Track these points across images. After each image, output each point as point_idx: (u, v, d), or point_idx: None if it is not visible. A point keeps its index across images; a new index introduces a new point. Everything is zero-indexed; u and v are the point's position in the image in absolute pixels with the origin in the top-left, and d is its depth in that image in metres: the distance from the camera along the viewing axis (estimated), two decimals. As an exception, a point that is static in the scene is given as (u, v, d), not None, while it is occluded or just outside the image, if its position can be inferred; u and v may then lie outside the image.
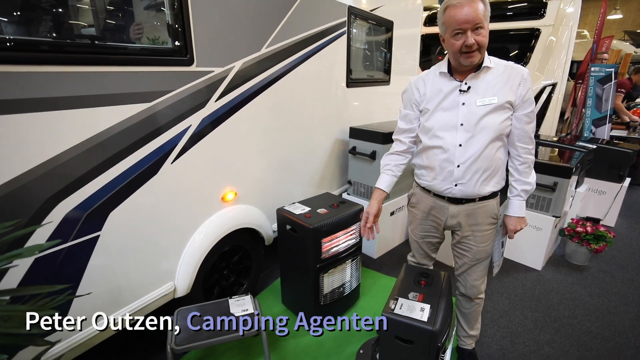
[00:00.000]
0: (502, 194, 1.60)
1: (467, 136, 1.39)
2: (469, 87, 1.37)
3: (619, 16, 13.13)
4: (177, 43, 1.60)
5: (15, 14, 1.42)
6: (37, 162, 1.21)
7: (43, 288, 0.82)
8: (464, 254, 1.62)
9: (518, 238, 2.83)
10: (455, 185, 1.46)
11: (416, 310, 1.38)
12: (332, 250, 1.97)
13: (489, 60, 1.37)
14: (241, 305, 1.69)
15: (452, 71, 1.42)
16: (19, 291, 0.97)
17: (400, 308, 1.39)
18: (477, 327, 1.83)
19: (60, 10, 1.46)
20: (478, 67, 1.36)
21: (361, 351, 1.86)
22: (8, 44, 1.14)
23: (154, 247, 1.70)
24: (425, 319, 1.33)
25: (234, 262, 2.19)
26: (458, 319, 1.83)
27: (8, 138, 1.14)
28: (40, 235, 1.25)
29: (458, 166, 1.43)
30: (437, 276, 1.58)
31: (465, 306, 1.76)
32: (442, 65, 1.45)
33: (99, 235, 1.44)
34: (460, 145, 1.41)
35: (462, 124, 1.39)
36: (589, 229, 2.79)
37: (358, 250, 2.16)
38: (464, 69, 1.37)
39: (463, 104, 1.38)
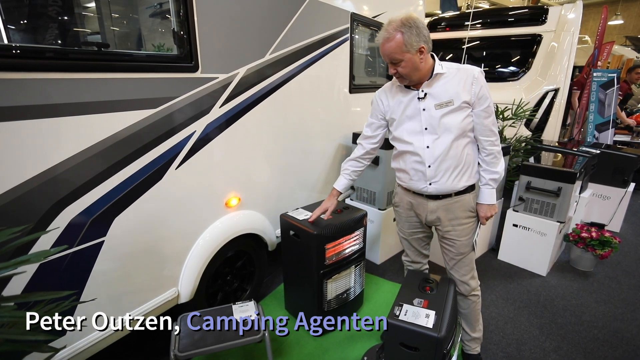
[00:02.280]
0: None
1: (432, 138, 1.51)
2: (425, 94, 1.50)
3: (620, 22, 13.18)
4: (182, 50, 1.62)
5: (22, 22, 1.44)
6: (43, 168, 1.22)
7: (48, 294, 0.82)
8: (448, 249, 1.69)
9: (523, 244, 2.83)
10: (430, 184, 1.57)
11: (421, 316, 1.37)
12: (336, 256, 1.97)
13: (440, 67, 1.48)
14: (245, 311, 1.68)
15: None
16: (23, 297, 0.97)
17: (405, 314, 1.38)
18: (479, 328, 1.84)
19: (67, 18, 1.48)
20: (430, 76, 1.48)
21: (365, 358, 1.84)
22: (15, 52, 1.15)
23: (158, 252, 1.70)
24: (430, 325, 1.32)
25: (237, 267, 2.19)
26: (459, 323, 1.83)
27: (15, 144, 1.15)
28: (46, 241, 1.26)
29: (429, 166, 1.54)
30: (441, 282, 1.57)
31: (462, 306, 1.78)
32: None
33: (103, 241, 1.44)
34: (427, 147, 1.53)
35: (426, 128, 1.52)
36: (594, 234, 2.76)
37: (362, 256, 2.15)
38: (406, 84, 1.51)
39: (424, 109, 1.51)
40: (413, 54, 1.40)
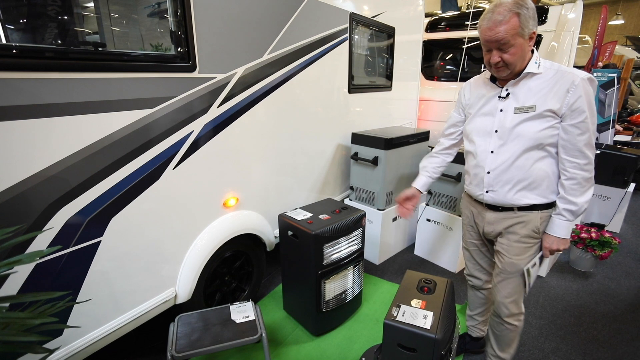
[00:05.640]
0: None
1: (499, 143, 1.38)
2: (508, 94, 1.36)
3: (621, 22, 13.15)
4: (179, 49, 1.62)
5: (18, 21, 1.44)
6: (39, 168, 1.21)
7: (42, 295, 0.81)
8: (497, 263, 1.56)
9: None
10: (487, 192, 1.46)
11: (419, 317, 1.36)
12: (334, 257, 1.96)
13: (536, 66, 1.30)
14: (242, 312, 1.68)
15: (495, 77, 1.41)
16: (17, 298, 0.96)
17: (403, 315, 1.37)
18: (509, 351, 1.65)
19: (64, 17, 1.48)
20: (519, 74, 1.32)
21: (363, 358, 1.84)
22: (13, 51, 1.15)
23: (155, 253, 1.69)
24: (428, 326, 1.31)
25: (235, 268, 2.18)
26: (489, 335, 1.71)
27: (11, 144, 1.15)
28: (41, 241, 1.25)
29: (488, 172, 1.42)
30: (440, 283, 1.56)
31: (496, 327, 1.64)
32: (488, 72, 1.45)
33: (100, 241, 1.43)
34: (492, 152, 1.40)
35: (496, 131, 1.38)
36: (593, 235, 2.76)
37: (360, 257, 2.14)
38: (502, 77, 1.36)
39: (501, 110, 1.37)
40: (525, 40, 1.24)
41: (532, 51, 1.32)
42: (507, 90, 1.36)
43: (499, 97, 1.38)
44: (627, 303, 2.46)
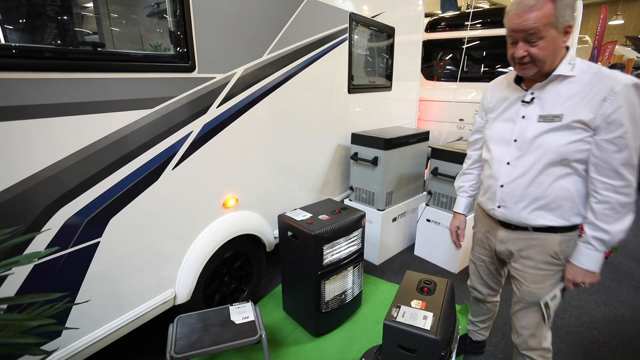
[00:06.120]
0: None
1: (517, 154, 1.23)
2: (532, 98, 1.19)
3: (621, 22, 13.16)
4: (179, 49, 1.61)
5: (16, 21, 1.43)
6: (38, 169, 1.21)
7: (39, 296, 0.81)
8: (515, 290, 1.43)
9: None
10: (499, 207, 1.32)
11: (419, 318, 1.35)
12: (334, 257, 1.96)
13: (569, 67, 1.12)
14: (242, 313, 1.67)
15: (520, 78, 1.26)
16: (15, 299, 0.96)
17: (403, 316, 1.37)
18: None
19: (63, 17, 1.47)
20: (548, 75, 1.15)
21: (363, 359, 1.83)
22: (12, 51, 1.15)
23: (155, 253, 1.69)
24: (428, 327, 1.31)
25: (235, 268, 2.18)
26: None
27: (9, 145, 1.14)
28: (40, 242, 1.25)
29: (502, 186, 1.28)
30: (440, 283, 1.56)
31: None
32: (514, 72, 1.30)
33: (99, 242, 1.43)
34: (508, 163, 1.25)
35: (515, 140, 1.23)
36: (594, 235, 2.75)
37: (360, 257, 2.14)
38: (528, 77, 1.20)
39: (523, 117, 1.21)
40: (559, 32, 1.06)
41: (567, 48, 1.14)
42: (532, 94, 1.20)
43: (522, 101, 1.22)
44: (628, 303, 2.45)
